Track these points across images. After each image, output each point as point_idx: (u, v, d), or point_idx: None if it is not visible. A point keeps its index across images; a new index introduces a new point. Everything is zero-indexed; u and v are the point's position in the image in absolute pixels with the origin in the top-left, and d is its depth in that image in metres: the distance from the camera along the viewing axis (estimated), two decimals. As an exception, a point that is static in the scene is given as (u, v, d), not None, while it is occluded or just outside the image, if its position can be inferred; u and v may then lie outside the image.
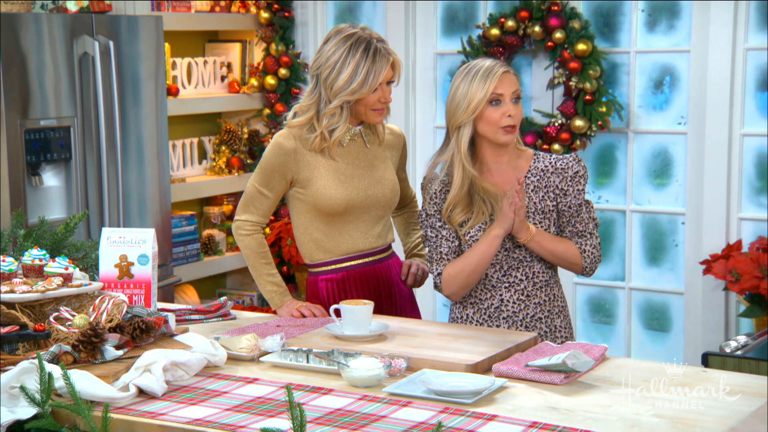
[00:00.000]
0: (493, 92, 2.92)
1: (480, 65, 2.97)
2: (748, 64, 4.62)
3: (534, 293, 3.01)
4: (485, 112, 2.93)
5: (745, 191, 4.69)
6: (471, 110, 2.93)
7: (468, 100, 2.93)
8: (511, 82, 2.95)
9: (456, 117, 2.96)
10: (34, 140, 4.14)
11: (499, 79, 2.93)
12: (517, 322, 3.00)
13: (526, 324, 3.00)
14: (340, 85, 3.02)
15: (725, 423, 2.14)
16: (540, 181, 3.00)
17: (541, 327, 3.01)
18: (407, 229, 3.41)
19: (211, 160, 5.57)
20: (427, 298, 5.27)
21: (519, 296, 3.00)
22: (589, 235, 3.01)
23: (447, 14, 5.34)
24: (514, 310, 3.00)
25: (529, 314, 3.00)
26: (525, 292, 3.00)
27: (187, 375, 2.44)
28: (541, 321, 3.01)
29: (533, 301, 3.01)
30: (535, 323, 3.01)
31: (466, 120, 2.94)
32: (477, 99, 2.92)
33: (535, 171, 3.01)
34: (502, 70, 2.95)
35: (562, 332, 3.05)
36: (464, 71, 2.98)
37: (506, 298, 3.00)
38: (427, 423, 2.13)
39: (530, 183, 3.00)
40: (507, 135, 2.95)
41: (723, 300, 4.70)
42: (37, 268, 2.69)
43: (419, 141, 5.39)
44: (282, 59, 5.55)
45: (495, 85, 2.92)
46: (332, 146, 3.10)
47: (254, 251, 3.15)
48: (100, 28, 4.34)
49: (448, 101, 2.99)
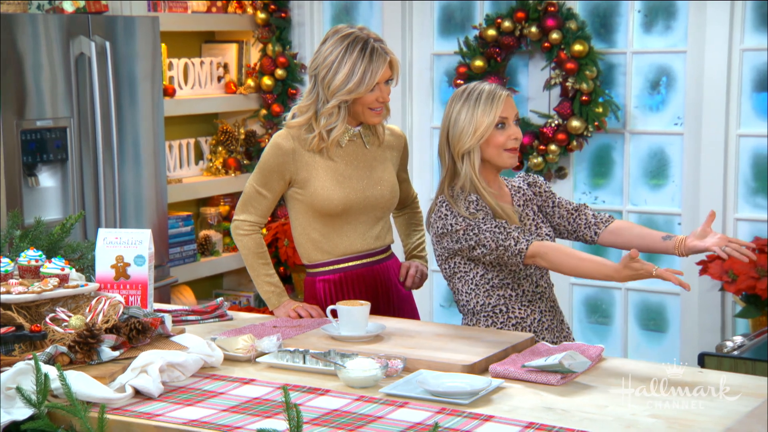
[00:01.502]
0: (499, 116, 2.94)
1: (481, 89, 2.97)
2: (744, 64, 4.62)
3: (536, 299, 3.05)
4: (491, 136, 2.95)
5: (742, 192, 4.70)
6: (479, 135, 2.94)
7: (475, 125, 2.94)
8: (512, 105, 2.99)
9: (462, 143, 2.96)
10: (30, 141, 4.14)
11: (504, 103, 2.95)
12: (525, 327, 3.02)
13: (534, 329, 3.03)
14: (337, 85, 3.02)
15: (722, 423, 2.14)
16: (523, 196, 3.11)
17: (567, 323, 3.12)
18: (408, 230, 3.40)
19: (207, 161, 5.57)
20: (425, 300, 5.27)
21: (554, 302, 3.12)
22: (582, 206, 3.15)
23: (444, 15, 5.34)
24: (522, 316, 3.03)
25: (536, 319, 3.03)
26: (554, 295, 3.13)
27: (183, 376, 2.44)
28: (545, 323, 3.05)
29: (539, 308, 3.04)
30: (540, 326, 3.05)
31: (474, 145, 2.95)
32: (485, 124, 2.94)
33: (513, 190, 3.11)
34: (505, 93, 2.98)
35: (565, 331, 3.12)
36: (464, 96, 2.98)
37: (542, 310, 3.07)
38: (424, 424, 2.13)
39: (518, 200, 3.09)
40: (512, 158, 2.99)
41: (719, 300, 4.70)
42: (34, 269, 2.69)
43: (416, 142, 5.39)
44: (279, 60, 5.55)
45: (501, 109, 2.95)
46: (330, 146, 3.10)
47: (252, 251, 3.15)
48: (96, 29, 4.34)
49: (450, 127, 2.98)
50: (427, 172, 5.39)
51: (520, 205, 3.08)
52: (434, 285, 5.36)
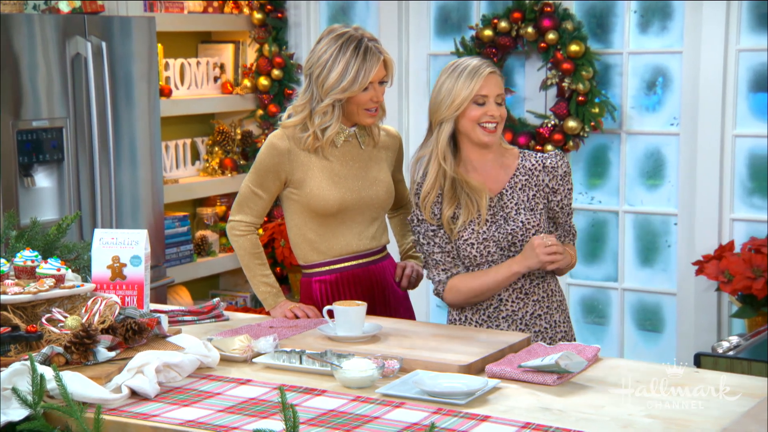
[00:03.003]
0: (477, 93, 2.93)
1: (467, 63, 2.97)
2: (740, 65, 4.63)
3: (532, 290, 3.01)
4: (467, 110, 2.94)
5: (738, 192, 4.70)
6: (454, 108, 2.94)
7: (452, 97, 2.94)
8: (496, 84, 2.95)
9: (439, 113, 2.97)
10: (26, 141, 4.13)
11: (485, 79, 2.94)
12: (516, 320, 3.00)
13: (526, 322, 3.00)
14: (331, 84, 3.02)
15: (719, 423, 2.14)
16: (529, 179, 3.00)
17: (541, 324, 3.00)
18: (403, 230, 3.40)
19: (204, 161, 5.56)
20: (421, 300, 5.27)
21: (517, 294, 3.00)
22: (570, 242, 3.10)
23: (440, 15, 5.34)
24: (513, 309, 3.00)
25: (528, 312, 3.00)
26: (523, 290, 3.00)
27: (179, 376, 2.44)
28: (541, 317, 3.01)
29: (532, 299, 3.00)
30: (534, 320, 3.00)
31: (449, 117, 2.95)
32: (461, 97, 2.93)
33: (523, 170, 3.02)
34: (489, 70, 2.95)
35: (562, 327, 3.05)
36: (451, 68, 2.99)
37: (504, 297, 3.00)
38: (420, 424, 2.13)
39: (518, 182, 3.00)
40: (487, 135, 2.96)
41: (715, 300, 4.71)
42: (29, 270, 2.69)
43: (413, 142, 5.39)
44: (275, 60, 5.54)
45: (480, 86, 2.93)
46: (325, 145, 3.10)
47: (248, 252, 3.15)
48: (92, 29, 4.34)
49: (433, 95, 2.99)
50: (423, 172, 5.39)
51: (512, 186, 2.99)
52: (430, 285, 5.35)
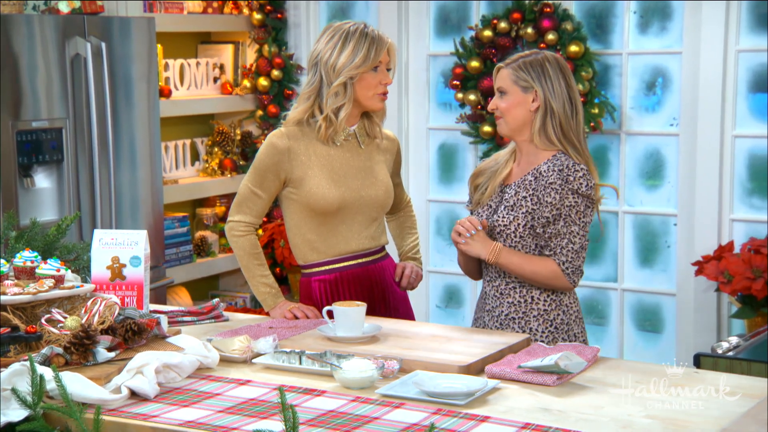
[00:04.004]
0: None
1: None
2: (739, 65, 4.63)
3: (507, 292, 3.00)
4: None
5: (737, 192, 4.70)
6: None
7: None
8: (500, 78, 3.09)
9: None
10: (25, 142, 4.13)
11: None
12: (494, 317, 3.01)
13: (501, 321, 3.00)
14: (344, 62, 3.05)
15: (718, 423, 2.15)
16: (532, 181, 2.94)
17: (514, 327, 2.98)
18: (402, 233, 3.41)
19: (203, 162, 5.56)
20: (421, 300, 5.27)
21: (494, 293, 3.03)
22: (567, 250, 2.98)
23: (440, 15, 5.34)
24: (493, 305, 3.03)
25: (503, 312, 3.00)
26: (499, 289, 3.02)
27: (179, 377, 2.44)
28: (515, 321, 2.99)
29: (506, 300, 3.00)
30: (509, 322, 2.99)
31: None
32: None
33: (536, 174, 2.94)
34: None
35: (539, 337, 2.97)
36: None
37: (487, 291, 3.05)
38: (420, 424, 2.13)
39: (525, 179, 2.95)
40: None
41: (715, 301, 4.71)
42: (29, 270, 2.69)
43: (413, 142, 5.39)
44: (275, 61, 5.55)
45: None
46: (339, 130, 3.10)
47: (247, 252, 3.15)
48: (92, 29, 4.34)
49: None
50: (422, 173, 5.39)
51: (519, 183, 2.95)
52: (430, 285, 5.36)
